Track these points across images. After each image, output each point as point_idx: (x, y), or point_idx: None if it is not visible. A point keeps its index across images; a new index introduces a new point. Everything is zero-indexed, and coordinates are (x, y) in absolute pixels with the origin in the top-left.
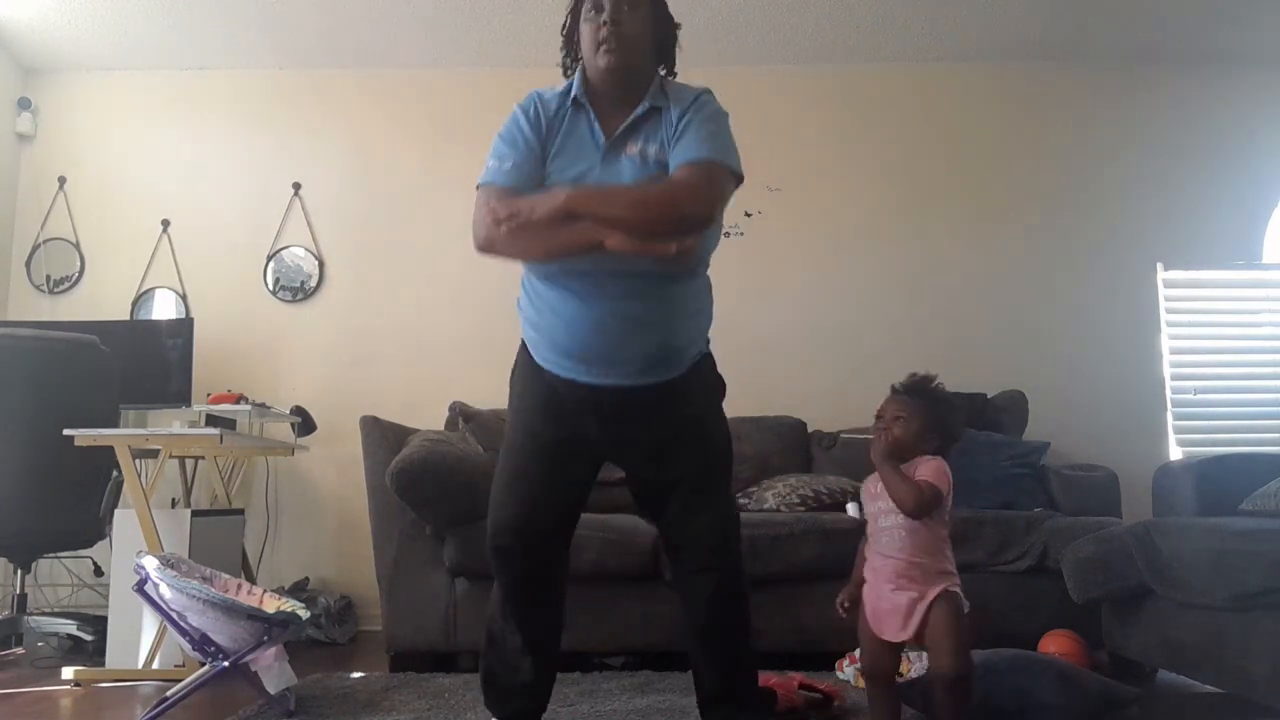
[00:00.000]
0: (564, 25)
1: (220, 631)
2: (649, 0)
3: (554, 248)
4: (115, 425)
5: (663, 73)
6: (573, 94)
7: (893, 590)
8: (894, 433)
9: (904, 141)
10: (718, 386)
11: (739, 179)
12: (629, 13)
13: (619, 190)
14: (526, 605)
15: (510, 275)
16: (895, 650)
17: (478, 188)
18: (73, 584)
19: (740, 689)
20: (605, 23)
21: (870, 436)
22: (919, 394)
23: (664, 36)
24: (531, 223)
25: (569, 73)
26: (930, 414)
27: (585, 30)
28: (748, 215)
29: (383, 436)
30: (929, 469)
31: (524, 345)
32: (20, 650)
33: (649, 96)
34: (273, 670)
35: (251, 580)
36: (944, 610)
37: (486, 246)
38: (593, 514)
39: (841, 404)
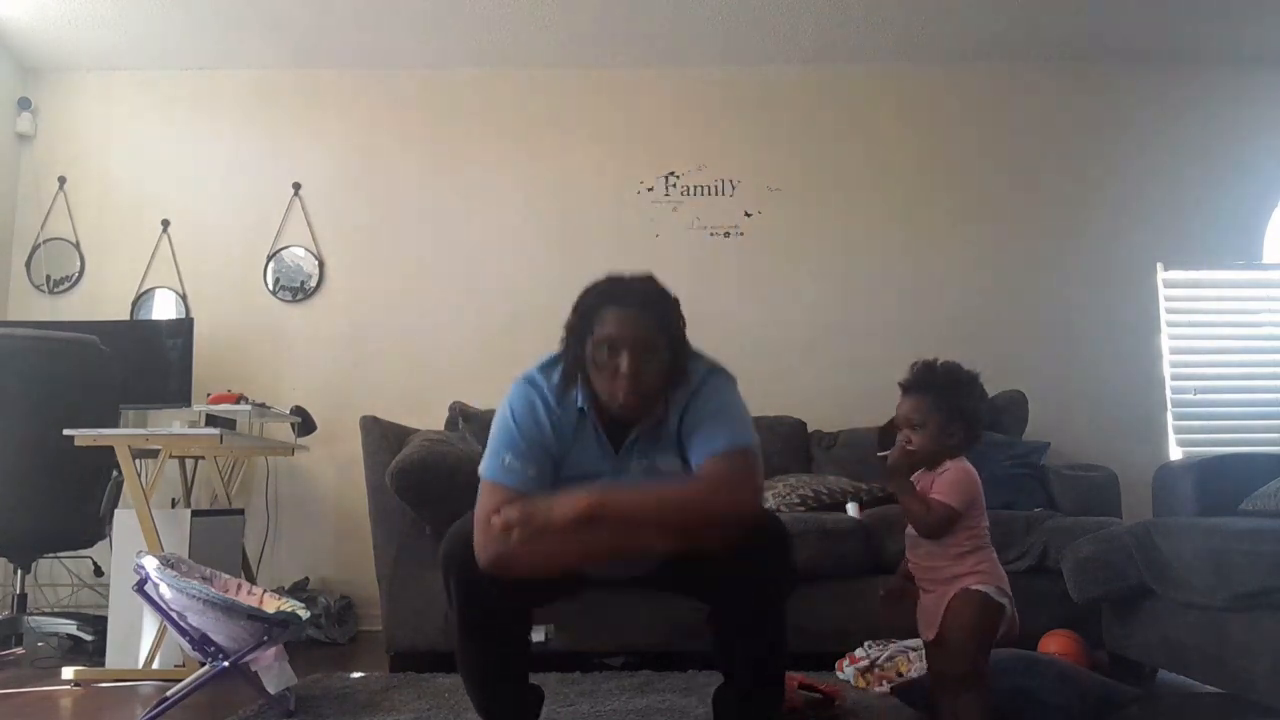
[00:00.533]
0: (565, 336)
1: (220, 631)
2: (664, 323)
3: (574, 555)
4: (115, 425)
5: None
6: (579, 405)
7: (923, 592)
8: (912, 444)
9: (903, 141)
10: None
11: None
12: (647, 363)
13: (647, 492)
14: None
15: (505, 273)
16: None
17: (482, 480)
18: (73, 584)
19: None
20: (625, 376)
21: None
22: (927, 387)
23: (677, 352)
24: (549, 529)
25: (569, 377)
26: (945, 405)
27: (596, 367)
28: (747, 215)
29: (383, 436)
30: (944, 484)
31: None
32: (20, 650)
33: (657, 409)
34: (273, 670)
35: (251, 580)
36: (955, 608)
37: (496, 562)
38: None
39: (841, 404)
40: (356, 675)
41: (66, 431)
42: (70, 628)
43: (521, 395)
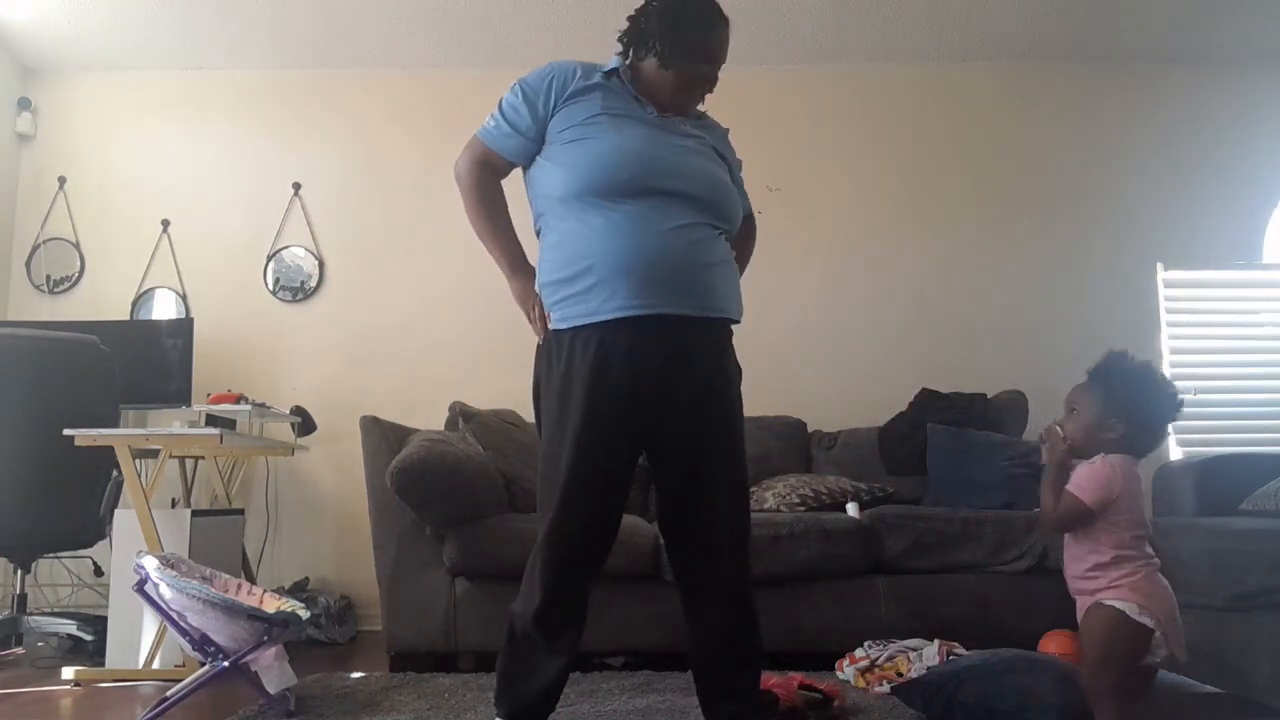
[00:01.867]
0: (634, 25)
1: (220, 631)
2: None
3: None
4: (115, 425)
5: None
6: (614, 75)
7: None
8: (1066, 430)
9: (903, 142)
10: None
11: None
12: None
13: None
14: (569, 606)
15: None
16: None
17: (475, 136)
18: (73, 584)
19: (749, 688)
20: (710, 80)
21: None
22: (1096, 376)
23: None
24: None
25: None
26: (1106, 397)
27: (677, 69)
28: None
29: (383, 436)
30: (1081, 476)
31: (556, 335)
32: (20, 650)
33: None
34: (273, 670)
35: (251, 580)
36: (1087, 623)
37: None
38: None
39: (841, 404)
40: (356, 675)
41: (66, 431)
42: (70, 628)
43: (551, 73)
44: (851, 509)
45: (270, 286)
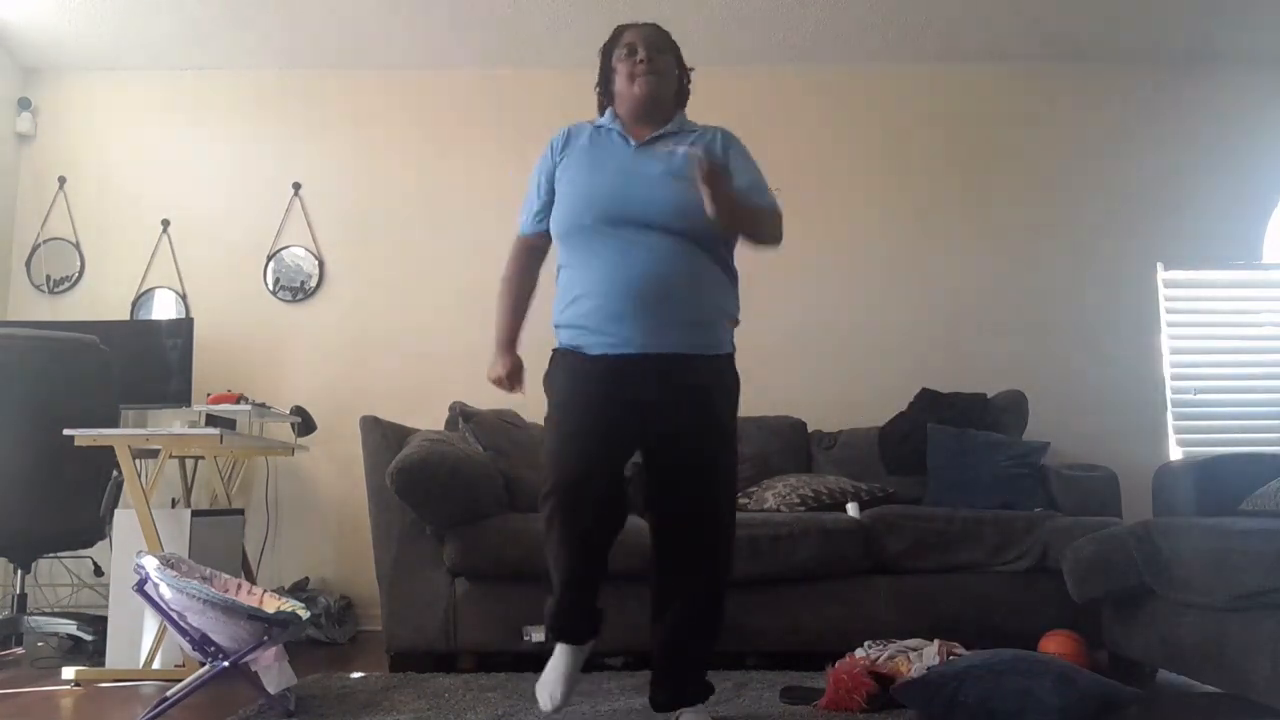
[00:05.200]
0: (599, 74)
1: (220, 631)
2: (672, 49)
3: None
4: (115, 425)
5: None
6: (602, 124)
7: None
8: None
9: (903, 141)
10: (736, 392)
11: None
12: (658, 55)
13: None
14: (587, 547)
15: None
16: None
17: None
18: (73, 584)
19: (692, 682)
20: (640, 60)
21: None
22: None
23: (682, 82)
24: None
25: (603, 109)
26: None
27: (620, 69)
28: None
29: (383, 436)
30: None
31: (560, 352)
32: (20, 650)
33: (673, 122)
34: (273, 670)
35: (251, 580)
36: None
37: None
38: None
39: (841, 404)
40: (356, 675)
41: (66, 431)
42: (70, 628)
43: (542, 155)
44: (851, 509)
45: (270, 286)
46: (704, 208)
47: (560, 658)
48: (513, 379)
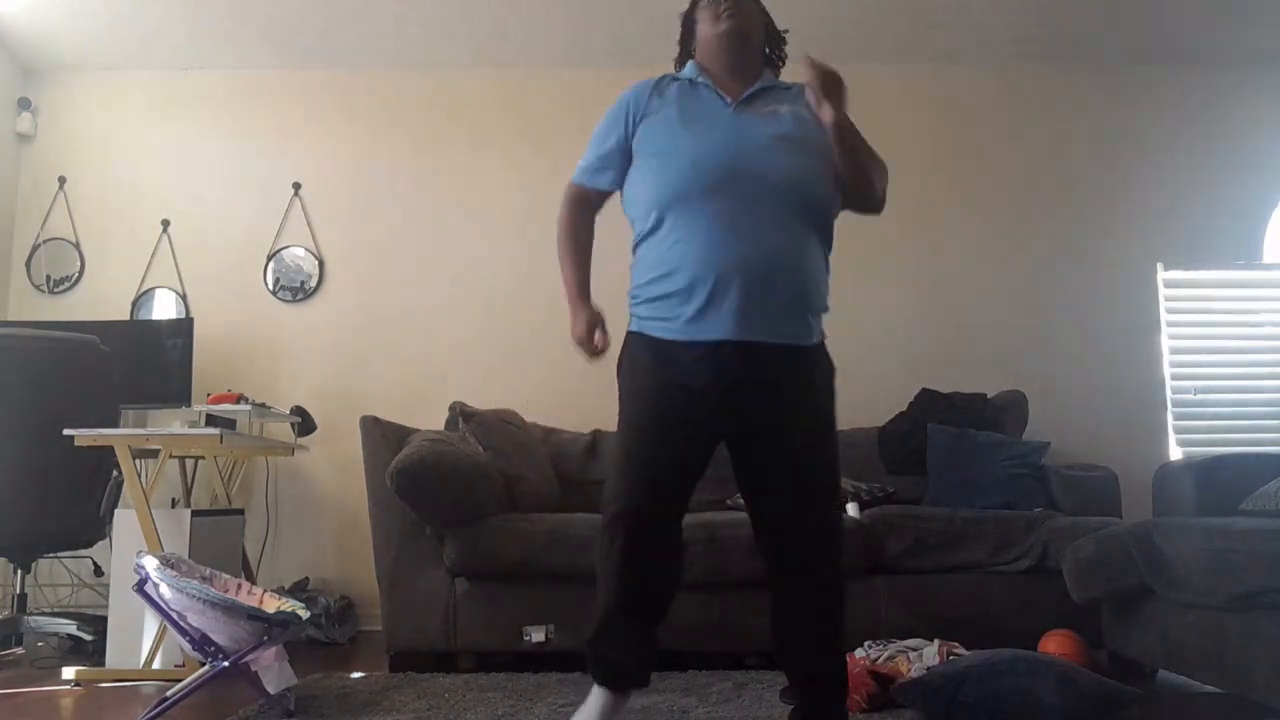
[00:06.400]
0: (680, 35)
1: (220, 631)
2: (758, 4)
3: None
4: (115, 425)
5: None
6: (687, 76)
7: None
8: None
9: (904, 141)
10: (833, 379)
11: None
12: (744, 1)
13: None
14: (644, 579)
15: (505, 274)
16: None
17: (569, 182)
18: (73, 584)
19: (838, 677)
20: (726, 3)
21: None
22: None
23: (772, 31)
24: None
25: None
26: None
27: (704, 16)
28: None
29: (383, 436)
30: None
31: (636, 338)
32: (20, 650)
33: (763, 78)
34: (273, 670)
35: (251, 580)
36: None
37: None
38: (596, 514)
39: (842, 404)
40: (356, 675)
41: (66, 431)
42: (70, 628)
43: (617, 101)
44: (851, 509)
45: (270, 286)
46: (817, 174)
47: (594, 703)
48: (595, 336)
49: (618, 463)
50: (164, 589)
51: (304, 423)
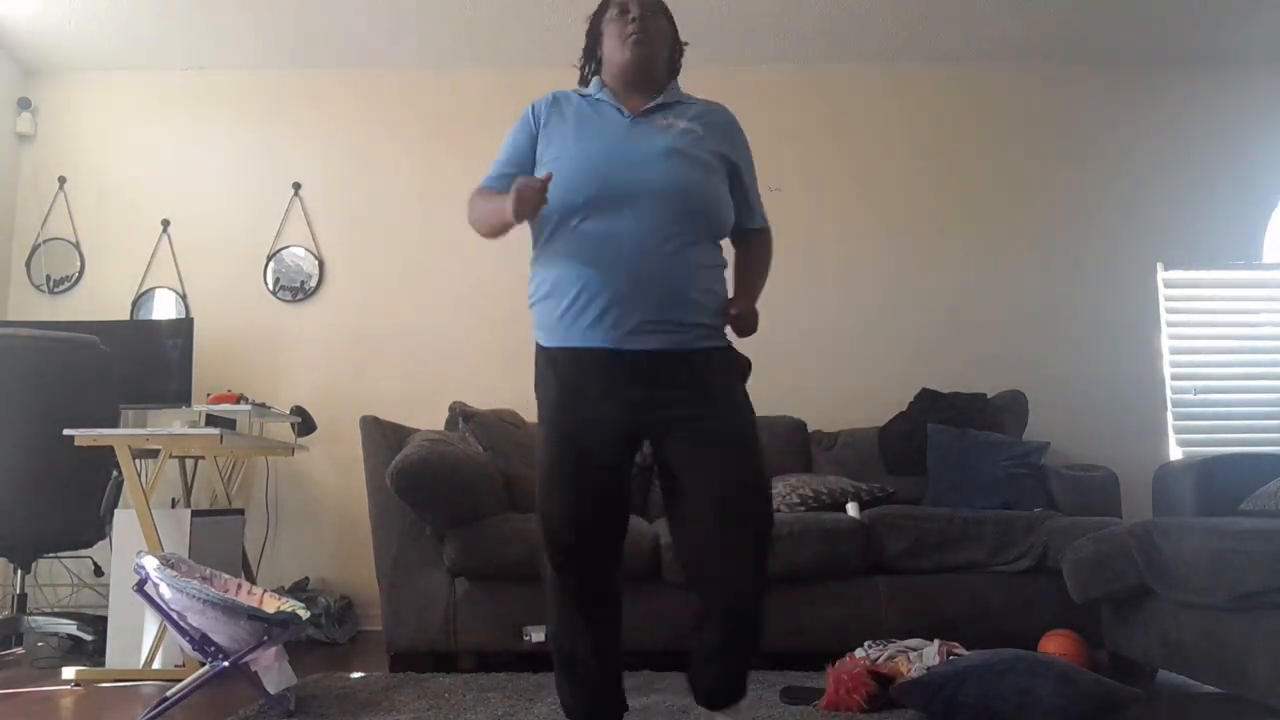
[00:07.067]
0: (585, 44)
1: (220, 631)
2: (665, 13)
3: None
4: (115, 425)
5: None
6: (591, 94)
7: None
8: None
9: (903, 142)
10: (744, 368)
11: None
12: (651, 16)
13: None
14: (591, 607)
15: (505, 274)
16: None
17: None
18: (73, 584)
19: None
20: (633, 20)
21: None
22: None
23: (675, 49)
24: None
25: (586, 81)
26: None
27: (610, 31)
28: None
29: (383, 436)
30: None
31: (541, 350)
32: (20, 650)
33: (666, 93)
34: (273, 670)
35: (251, 580)
36: None
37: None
38: None
39: (841, 404)
40: (356, 675)
41: (66, 431)
42: (70, 628)
43: (521, 114)
44: (851, 509)
45: (270, 286)
46: (705, 185)
47: None
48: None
49: (539, 488)
50: (164, 589)
51: (304, 423)
